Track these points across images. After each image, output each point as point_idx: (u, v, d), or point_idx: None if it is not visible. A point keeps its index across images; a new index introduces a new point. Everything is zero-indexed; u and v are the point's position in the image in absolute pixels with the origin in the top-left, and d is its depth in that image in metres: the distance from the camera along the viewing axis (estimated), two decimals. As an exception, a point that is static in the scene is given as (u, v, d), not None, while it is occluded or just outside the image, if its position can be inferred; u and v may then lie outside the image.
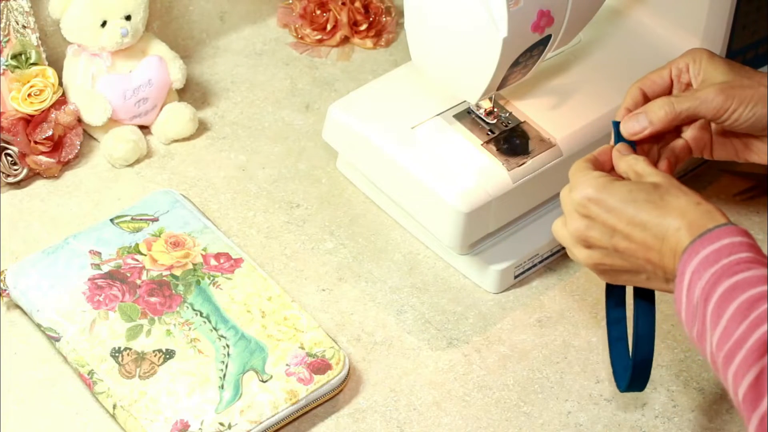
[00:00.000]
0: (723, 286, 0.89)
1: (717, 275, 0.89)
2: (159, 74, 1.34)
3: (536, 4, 1.09)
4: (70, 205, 1.30)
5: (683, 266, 0.92)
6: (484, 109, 1.25)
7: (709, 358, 0.90)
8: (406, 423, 1.14)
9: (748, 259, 0.90)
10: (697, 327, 0.91)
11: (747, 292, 0.88)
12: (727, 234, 0.91)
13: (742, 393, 0.86)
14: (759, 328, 0.86)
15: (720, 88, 1.03)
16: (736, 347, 0.87)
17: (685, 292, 0.92)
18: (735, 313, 0.88)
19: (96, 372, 1.13)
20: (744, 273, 0.89)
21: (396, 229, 1.29)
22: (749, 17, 1.31)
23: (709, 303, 0.89)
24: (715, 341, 0.89)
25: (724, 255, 0.90)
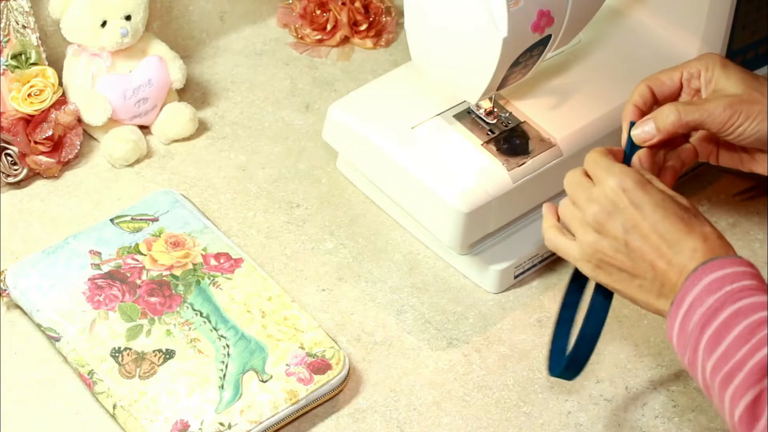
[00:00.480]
0: (726, 312, 0.89)
1: (721, 301, 0.90)
2: (159, 74, 1.34)
3: (536, 4, 1.09)
4: (70, 205, 1.30)
5: (685, 292, 0.92)
6: (484, 109, 1.25)
7: (701, 383, 0.91)
8: (406, 423, 1.14)
9: (752, 286, 0.91)
10: (688, 355, 0.92)
11: (749, 318, 0.88)
12: (731, 264, 0.92)
13: (739, 414, 0.86)
14: (759, 352, 0.87)
15: (729, 102, 1.02)
16: (736, 369, 0.87)
17: (680, 318, 0.92)
18: (737, 338, 0.88)
19: (96, 372, 1.13)
20: (747, 299, 0.89)
21: (396, 229, 1.29)
22: (749, 17, 1.31)
23: (708, 329, 0.90)
24: (711, 366, 0.89)
25: (727, 282, 0.91)
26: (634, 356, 1.20)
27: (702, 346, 0.90)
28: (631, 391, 1.17)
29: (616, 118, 1.25)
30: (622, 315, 1.23)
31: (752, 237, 1.30)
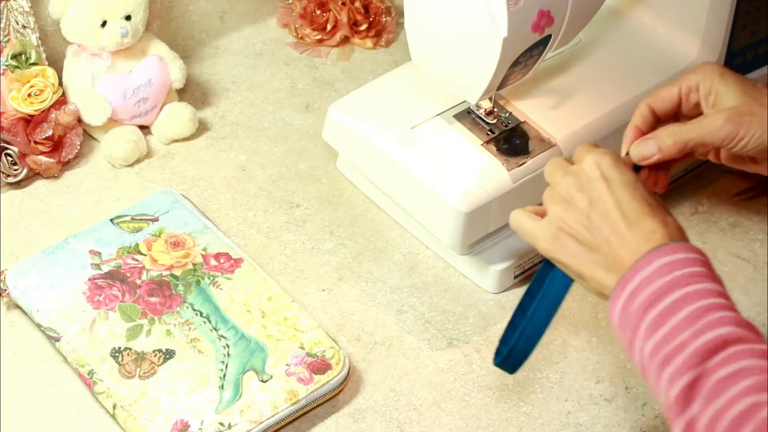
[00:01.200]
0: (673, 296, 0.89)
1: (669, 285, 0.90)
2: (159, 74, 1.35)
3: (536, 4, 1.09)
4: (70, 205, 1.30)
5: (633, 272, 0.92)
6: (484, 109, 1.25)
7: (638, 363, 0.91)
8: (406, 423, 1.14)
9: (702, 273, 0.91)
10: (628, 334, 0.91)
11: (696, 303, 0.88)
12: (684, 250, 0.92)
13: (675, 394, 0.86)
14: (703, 336, 0.86)
15: (728, 115, 1.03)
16: (677, 351, 0.87)
17: (625, 297, 0.92)
18: (681, 321, 0.88)
19: (96, 372, 1.13)
20: (696, 285, 0.89)
21: (396, 229, 1.29)
22: (749, 17, 1.31)
23: (652, 310, 0.90)
24: (651, 346, 0.89)
25: (678, 267, 0.91)
26: (634, 356, 1.20)
27: (644, 326, 0.90)
28: (631, 391, 1.17)
29: (616, 118, 1.25)
30: (622, 315, 1.23)
31: (752, 237, 1.30)
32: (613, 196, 0.96)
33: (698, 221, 1.31)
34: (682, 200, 1.33)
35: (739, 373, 0.83)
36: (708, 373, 0.84)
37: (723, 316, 0.87)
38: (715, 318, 0.87)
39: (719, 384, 0.84)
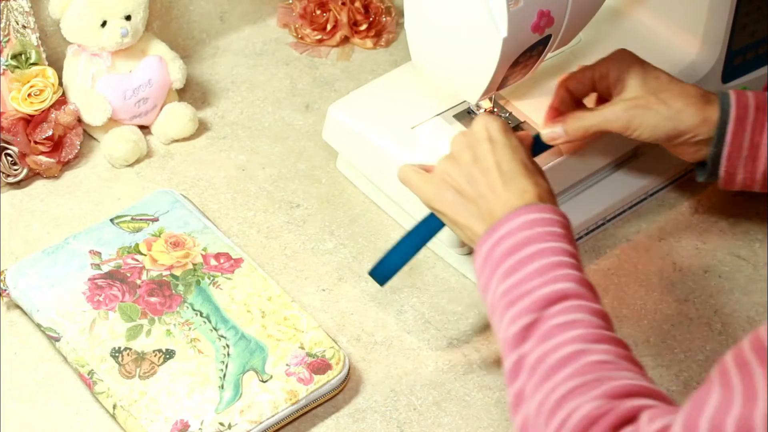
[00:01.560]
0: (531, 248, 0.97)
1: (529, 238, 0.98)
2: (159, 74, 1.35)
3: (536, 4, 1.09)
4: (70, 205, 1.30)
5: (501, 223, 1.00)
6: (484, 109, 1.25)
7: (489, 304, 0.99)
8: (406, 423, 1.14)
9: (561, 234, 0.99)
10: (485, 276, 0.99)
11: (549, 258, 0.96)
12: (550, 211, 1.00)
13: (512, 333, 0.94)
14: (548, 286, 0.94)
15: (625, 107, 1.13)
16: (523, 295, 0.95)
17: (490, 244, 1.00)
18: (533, 271, 0.96)
19: (96, 372, 1.13)
20: (553, 243, 0.97)
21: (396, 229, 1.29)
22: (749, 17, 1.31)
23: (510, 258, 0.97)
24: (503, 289, 0.97)
25: (539, 225, 0.99)
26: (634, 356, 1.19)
27: (500, 271, 0.98)
28: (631, 391, 1.17)
29: (616, 118, 1.25)
30: (622, 315, 1.23)
31: (752, 237, 1.30)
32: (495, 156, 1.04)
33: (698, 221, 1.31)
34: (682, 200, 1.33)
35: (571, 323, 0.92)
36: (545, 318, 0.93)
37: (568, 273, 0.95)
38: (561, 274, 0.95)
39: (552, 329, 0.92)
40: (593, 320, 0.93)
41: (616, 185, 1.31)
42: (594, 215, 1.29)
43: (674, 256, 1.29)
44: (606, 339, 0.92)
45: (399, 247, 1.15)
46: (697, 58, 1.31)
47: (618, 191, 1.31)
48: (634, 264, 1.28)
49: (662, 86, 1.13)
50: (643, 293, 1.25)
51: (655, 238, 1.30)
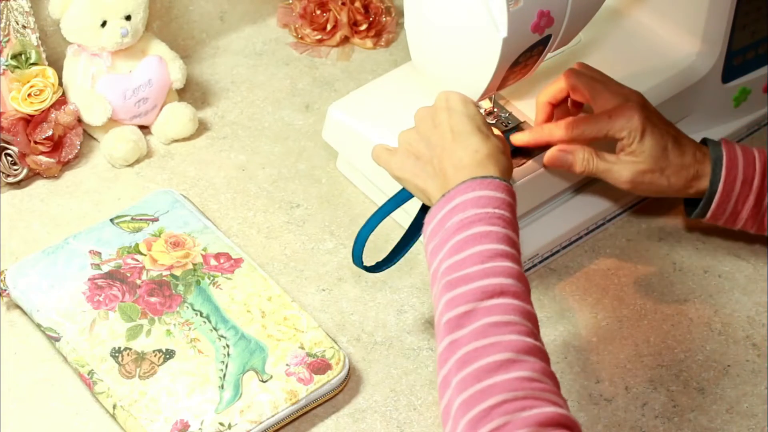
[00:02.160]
0: (479, 228, 1.00)
1: (480, 217, 1.01)
2: (159, 74, 1.35)
3: (536, 4, 1.09)
4: (70, 205, 1.30)
5: (456, 193, 1.03)
6: (484, 109, 1.25)
7: (432, 271, 1.02)
8: (406, 423, 1.14)
9: (507, 218, 1.02)
10: (435, 243, 1.02)
11: (492, 244, 1.00)
12: (503, 190, 1.03)
13: (449, 317, 0.97)
14: (487, 279, 0.98)
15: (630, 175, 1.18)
16: (463, 280, 0.98)
17: (444, 212, 1.03)
18: (476, 254, 0.99)
19: (96, 372, 1.13)
20: (499, 228, 1.01)
21: (396, 229, 1.29)
22: (749, 17, 1.31)
23: (459, 234, 1.01)
24: (447, 265, 1.00)
25: (491, 205, 1.02)
26: (634, 356, 1.20)
27: (449, 245, 1.01)
28: (631, 391, 1.17)
29: (616, 118, 1.25)
30: (622, 315, 1.23)
31: (752, 237, 1.30)
32: (451, 121, 1.09)
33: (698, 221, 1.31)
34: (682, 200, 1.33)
35: (506, 325, 0.96)
36: (480, 311, 0.97)
37: (509, 266, 0.99)
38: (502, 266, 0.99)
39: (487, 327, 0.96)
40: (525, 325, 0.96)
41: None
42: (594, 215, 1.29)
43: (674, 256, 1.29)
44: (534, 350, 0.95)
45: (369, 222, 1.16)
46: (697, 58, 1.31)
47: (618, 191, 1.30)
48: (634, 264, 1.28)
49: (668, 160, 1.18)
50: (643, 293, 1.25)
51: (655, 238, 1.30)
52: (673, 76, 1.30)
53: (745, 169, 1.19)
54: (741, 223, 1.22)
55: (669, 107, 1.28)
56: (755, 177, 1.19)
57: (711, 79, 1.32)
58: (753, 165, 1.19)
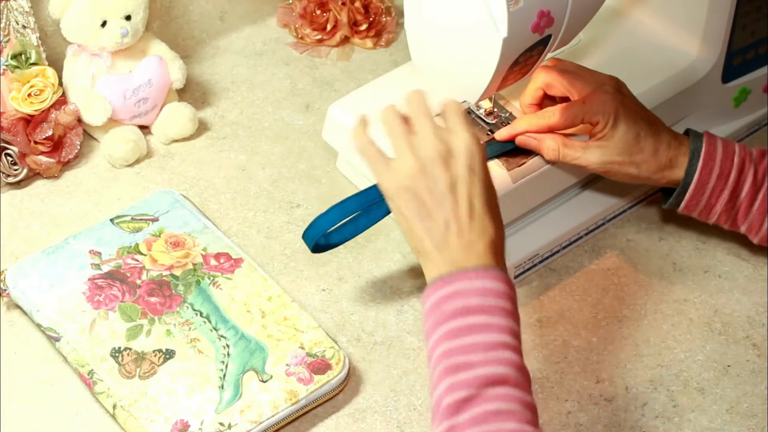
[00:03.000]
0: (480, 318, 0.99)
1: (480, 307, 0.99)
2: (159, 74, 1.34)
3: (536, 4, 1.09)
4: (70, 205, 1.30)
5: (456, 278, 1.01)
6: (484, 109, 1.25)
7: (429, 351, 1.01)
8: (406, 423, 1.14)
9: (509, 310, 1.00)
10: (431, 322, 1.01)
11: (496, 335, 0.99)
12: (503, 281, 1.01)
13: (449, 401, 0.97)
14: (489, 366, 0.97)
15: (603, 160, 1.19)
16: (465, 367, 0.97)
17: (441, 296, 1.01)
18: (479, 343, 0.98)
19: (96, 372, 1.13)
20: (502, 319, 0.99)
21: (396, 229, 1.29)
22: (749, 17, 1.31)
23: (457, 319, 0.99)
24: (444, 349, 0.99)
25: (493, 295, 1.00)
26: (634, 356, 1.20)
27: (446, 327, 0.99)
28: (631, 391, 1.17)
29: (616, 118, 1.25)
30: (622, 315, 1.23)
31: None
32: (471, 190, 1.03)
33: (698, 221, 1.31)
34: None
35: (506, 413, 0.95)
36: (481, 398, 0.96)
37: (511, 357, 0.98)
38: (505, 356, 0.98)
39: (488, 414, 0.95)
40: (525, 414, 0.96)
41: (617, 185, 1.31)
42: (594, 215, 1.29)
43: (674, 256, 1.29)
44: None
45: (331, 211, 1.16)
46: (697, 58, 1.31)
47: (618, 191, 1.31)
48: (634, 264, 1.28)
49: (640, 146, 1.18)
50: (643, 293, 1.25)
51: (655, 238, 1.30)
52: (673, 76, 1.30)
53: (723, 162, 1.19)
54: (714, 217, 1.21)
55: (669, 107, 1.28)
56: (732, 172, 1.19)
57: (711, 79, 1.32)
58: (731, 159, 1.19)
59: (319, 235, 1.16)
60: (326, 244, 1.18)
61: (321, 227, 1.16)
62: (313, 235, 1.16)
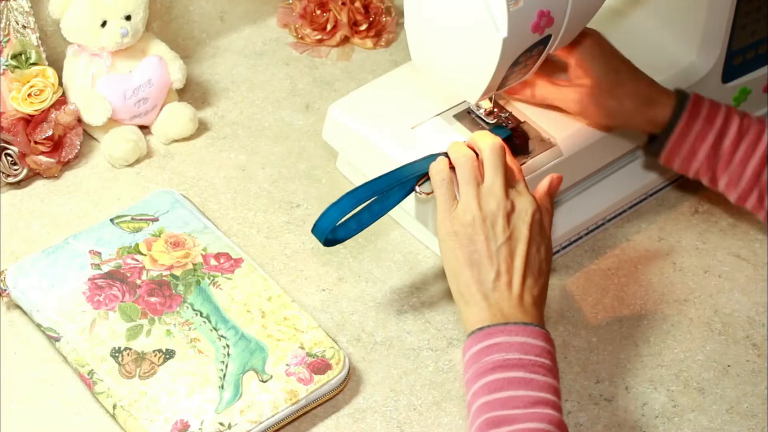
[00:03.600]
0: (520, 373, 1.01)
1: (521, 363, 1.02)
2: (159, 74, 1.35)
3: (536, 4, 1.09)
4: (70, 205, 1.30)
5: (499, 332, 1.03)
6: (484, 109, 1.25)
7: (468, 400, 1.03)
8: (406, 423, 1.14)
9: (549, 367, 1.03)
10: (471, 374, 1.03)
11: (536, 392, 1.00)
12: (545, 339, 1.04)
13: None
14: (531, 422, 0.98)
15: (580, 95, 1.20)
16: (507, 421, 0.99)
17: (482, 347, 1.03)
18: (521, 398, 1.00)
19: (96, 372, 1.13)
20: (541, 376, 1.02)
21: (396, 229, 1.29)
22: (749, 17, 1.31)
23: (500, 372, 1.01)
24: (483, 401, 1.00)
25: (534, 352, 1.02)
26: (634, 356, 1.20)
27: (485, 381, 1.02)
28: (631, 391, 1.17)
29: (616, 118, 1.25)
30: (622, 315, 1.23)
31: (752, 237, 1.30)
32: (529, 246, 1.07)
33: (698, 221, 1.31)
34: (682, 200, 1.33)
35: None
36: None
37: (551, 414, 1.00)
38: (545, 413, 0.99)
39: None
40: None
41: (616, 185, 1.31)
42: (594, 215, 1.29)
43: (674, 256, 1.29)
44: None
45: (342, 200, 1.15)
46: (697, 57, 1.31)
47: (618, 191, 1.31)
48: (634, 264, 1.28)
49: (619, 80, 1.19)
50: (643, 293, 1.25)
51: (655, 238, 1.30)
52: (673, 76, 1.30)
53: (710, 109, 1.19)
54: (696, 165, 1.20)
55: (669, 107, 1.28)
56: (717, 117, 1.19)
57: (711, 79, 1.32)
58: (718, 107, 1.19)
59: (332, 225, 1.15)
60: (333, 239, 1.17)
61: (332, 217, 1.15)
62: (325, 226, 1.15)
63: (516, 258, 1.07)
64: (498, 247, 1.07)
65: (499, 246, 1.07)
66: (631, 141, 1.29)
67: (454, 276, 1.08)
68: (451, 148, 1.13)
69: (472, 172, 1.10)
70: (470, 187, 1.09)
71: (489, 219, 1.07)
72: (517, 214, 1.08)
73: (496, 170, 1.10)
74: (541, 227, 1.09)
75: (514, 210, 1.08)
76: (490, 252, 1.07)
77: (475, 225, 1.07)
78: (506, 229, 1.07)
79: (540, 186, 1.14)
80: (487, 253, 1.07)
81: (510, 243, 1.07)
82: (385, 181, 1.15)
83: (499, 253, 1.06)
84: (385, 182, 1.15)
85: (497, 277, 1.06)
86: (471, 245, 1.07)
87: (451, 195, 1.10)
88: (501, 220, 1.07)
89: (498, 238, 1.07)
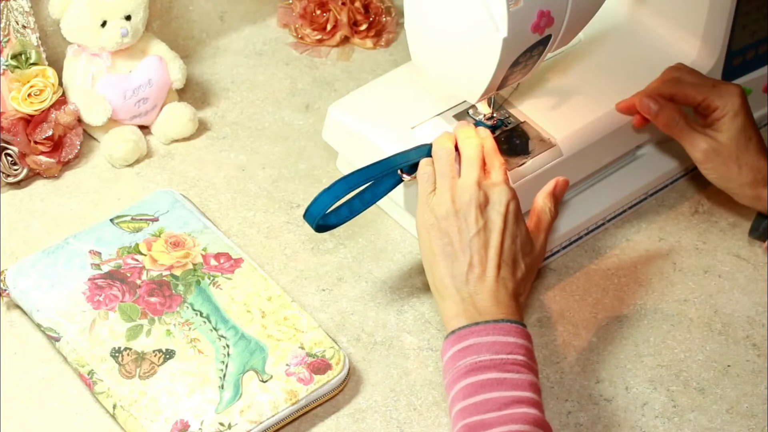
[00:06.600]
0: (494, 374, 1.01)
1: (494, 363, 1.01)
2: (159, 74, 1.35)
3: (536, 4, 1.09)
4: (70, 205, 1.30)
5: (470, 333, 1.03)
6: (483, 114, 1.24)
7: (449, 404, 1.03)
8: (406, 423, 1.14)
9: (524, 363, 1.02)
10: (449, 379, 1.03)
11: (511, 391, 1.00)
12: (520, 334, 1.03)
13: None
14: (506, 426, 0.98)
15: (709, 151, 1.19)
16: (481, 426, 0.99)
17: (456, 350, 1.03)
18: (494, 400, 0.99)
19: (96, 372, 1.13)
20: (515, 374, 1.01)
21: (396, 229, 1.29)
22: (749, 17, 1.31)
23: (473, 376, 1.01)
24: (460, 407, 1.01)
25: (507, 350, 1.02)
26: (634, 356, 1.20)
27: (461, 386, 1.01)
28: (631, 391, 1.17)
29: (616, 118, 1.26)
30: (622, 315, 1.23)
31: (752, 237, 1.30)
32: (502, 237, 1.07)
33: (698, 221, 1.31)
34: (682, 200, 1.33)
35: None
36: None
37: (528, 412, 0.99)
38: (521, 412, 0.99)
39: None
40: None
41: (616, 185, 1.31)
42: (594, 215, 1.29)
43: (674, 256, 1.29)
44: None
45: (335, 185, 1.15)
46: (697, 58, 1.31)
47: (618, 191, 1.31)
48: (634, 264, 1.28)
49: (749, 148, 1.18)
50: (643, 293, 1.25)
51: (655, 238, 1.30)
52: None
53: None
54: None
55: (669, 107, 1.28)
56: None
57: (711, 79, 1.32)
58: None
59: (323, 211, 1.15)
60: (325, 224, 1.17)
61: (324, 202, 1.15)
62: (317, 211, 1.15)
63: (489, 249, 1.07)
64: (470, 238, 1.07)
65: (471, 237, 1.07)
66: (631, 141, 1.29)
67: (430, 269, 1.09)
68: (435, 141, 1.14)
69: (447, 166, 1.11)
70: (446, 180, 1.10)
71: (462, 211, 1.08)
72: (491, 205, 1.09)
73: (471, 163, 1.10)
74: (516, 218, 1.09)
75: (488, 201, 1.09)
76: (463, 243, 1.07)
77: (449, 218, 1.08)
78: (479, 219, 1.07)
79: (545, 187, 1.14)
80: (460, 244, 1.07)
81: (483, 234, 1.07)
82: (377, 168, 1.16)
83: (472, 244, 1.07)
84: (378, 169, 1.16)
85: (470, 268, 1.06)
86: (445, 237, 1.08)
87: (430, 188, 1.11)
88: (474, 210, 1.08)
89: (470, 229, 1.07)
